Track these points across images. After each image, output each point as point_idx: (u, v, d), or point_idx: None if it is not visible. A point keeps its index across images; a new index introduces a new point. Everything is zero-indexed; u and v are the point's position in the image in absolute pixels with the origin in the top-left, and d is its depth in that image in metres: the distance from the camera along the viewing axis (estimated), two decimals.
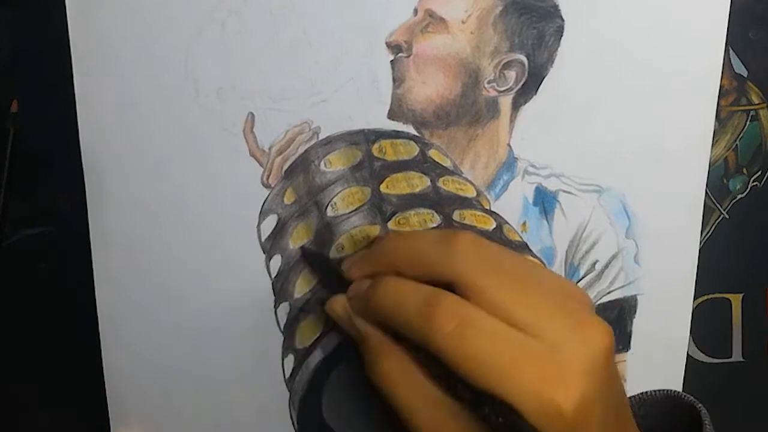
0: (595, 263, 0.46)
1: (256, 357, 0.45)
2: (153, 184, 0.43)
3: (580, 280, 0.46)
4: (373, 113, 0.43)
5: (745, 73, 0.48)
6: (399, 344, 0.37)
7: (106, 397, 0.46)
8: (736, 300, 0.51)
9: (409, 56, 0.43)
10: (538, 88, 0.44)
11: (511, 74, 0.44)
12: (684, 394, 0.43)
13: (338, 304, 0.40)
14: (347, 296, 0.39)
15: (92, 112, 0.42)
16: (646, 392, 0.44)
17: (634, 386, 0.47)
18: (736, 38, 0.46)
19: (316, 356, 0.44)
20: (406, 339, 0.36)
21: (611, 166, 0.45)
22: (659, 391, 0.44)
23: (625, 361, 0.47)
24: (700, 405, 0.42)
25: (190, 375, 0.45)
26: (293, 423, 0.46)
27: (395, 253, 0.38)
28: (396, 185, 0.44)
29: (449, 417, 0.36)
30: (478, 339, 0.33)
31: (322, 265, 0.43)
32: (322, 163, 0.44)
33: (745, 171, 0.49)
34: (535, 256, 0.45)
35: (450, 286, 0.35)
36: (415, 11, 0.42)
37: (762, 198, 0.50)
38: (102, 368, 0.45)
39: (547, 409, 0.32)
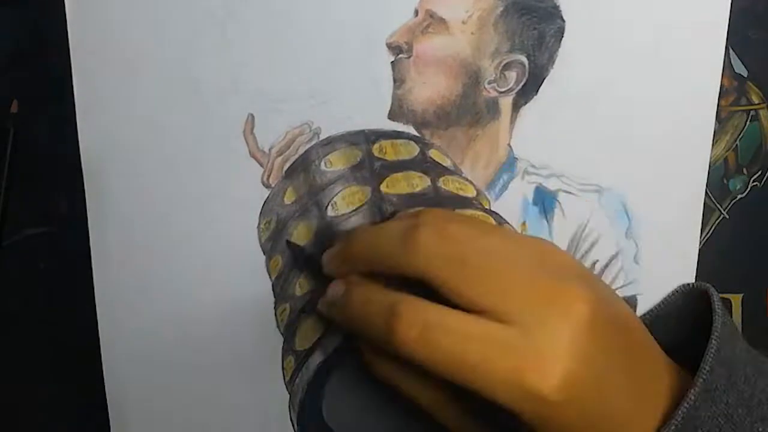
0: (594, 263, 0.46)
1: (256, 359, 0.45)
2: (153, 184, 0.43)
3: None
4: (373, 114, 0.43)
5: (745, 73, 0.48)
6: None
7: (105, 397, 0.46)
8: (736, 300, 0.51)
9: (409, 57, 0.43)
10: (538, 89, 0.44)
11: (512, 75, 0.43)
12: (694, 283, 0.41)
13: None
14: (326, 300, 0.39)
15: (92, 113, 0.42)
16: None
17: None
18: (736, 38, 0.46)
19: (316, 358, 0.44)
20: None
21: (611, 166, 0.45)
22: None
23: None
24: (709, 287, 0.40)
25: (189, 376, 0.45)
26: (293, 425, 0.46)
27: (361, 251, 0.38)
28: (396, 185, 0.44)
29: (450, 398, 0.36)
30: (443, 340, 0.33)
31: (306, 259, 0.43)
32: (322, 163, 0.44)
33: (745, 171, 0.49)
34: None
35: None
36: (416, 12, 0.42)
37: (762, 198, 0.50)
38: (102, 368, 0.45)
39: (526, 397, 0.32)
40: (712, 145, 0.46)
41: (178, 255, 0.44)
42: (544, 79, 0.44)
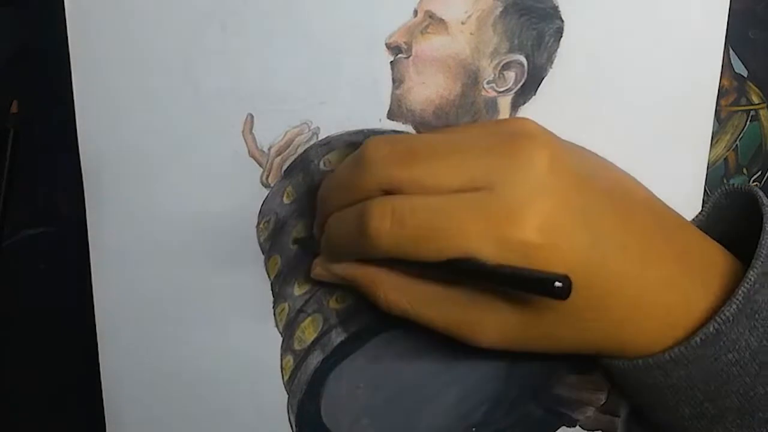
0: None
1: (255, 358, 0.45)
2: (152, 184, 0.43)
3: None
4: (372, 114, 0.43)
5: (745, 73, 0.48)
6: (381, 264, 0.37)
7: (102, 398, 0.46)
8: None
9: (408, 57, 0.43)
10: (537, 89, 0.44)
11: (511, 75, 0.44)
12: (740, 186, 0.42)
13: (317, 266, 0.40)
14: (321, 253, 0.40)
15: (91, 113, 0.42)
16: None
17: None
18: (736, 38, 0.46)
19: (315, 358, 0.44)
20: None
21: None
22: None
23: None
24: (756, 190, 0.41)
25: (188, 376, 0.46)
26: (291, 425, 0.46)
27: (327, 194, 0.39)
28: None
29: (462, 302, 0.36)
30: (418, 219, 0.33)
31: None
32: (321, 163, 0.44)
33: (745, 171, 0.49)
34: None
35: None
36: (415, 12, 0.42)
37: None
38: (99, 368, 0.45)
39: (513, 248, 0.32)
40: (712, 145, 0.46)
41: (177, 255, 0.44)
42: (542, 79, 0.44)
